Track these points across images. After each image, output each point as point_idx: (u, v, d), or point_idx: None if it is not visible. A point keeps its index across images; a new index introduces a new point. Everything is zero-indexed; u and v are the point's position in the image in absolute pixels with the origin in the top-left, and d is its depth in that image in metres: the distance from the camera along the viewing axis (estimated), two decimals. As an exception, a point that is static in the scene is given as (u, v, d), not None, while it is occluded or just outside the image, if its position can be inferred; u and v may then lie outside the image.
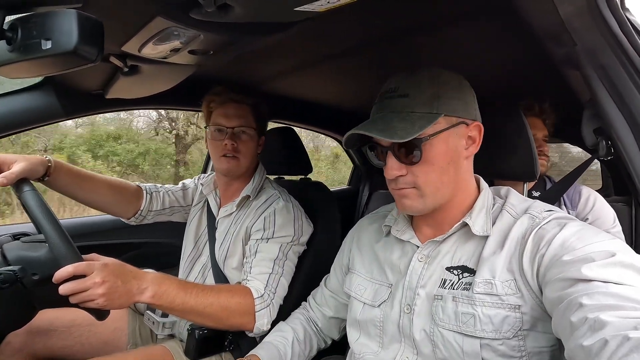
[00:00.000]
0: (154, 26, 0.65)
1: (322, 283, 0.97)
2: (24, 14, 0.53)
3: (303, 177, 1.45)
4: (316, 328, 0.95)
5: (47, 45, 0.51)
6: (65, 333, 1.07)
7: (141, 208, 1.18)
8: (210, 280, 1.11)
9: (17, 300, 0.76)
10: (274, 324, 0.96)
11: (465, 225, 0.69)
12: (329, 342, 0.96)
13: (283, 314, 1.05)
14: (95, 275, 0.75)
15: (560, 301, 0.51)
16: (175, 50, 0.76)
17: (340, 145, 2.45)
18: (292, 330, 0.91)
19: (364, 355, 0.76)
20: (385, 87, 0.71)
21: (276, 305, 0.99)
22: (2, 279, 0.70)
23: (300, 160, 1.41)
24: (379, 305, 0.75)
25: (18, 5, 0.53)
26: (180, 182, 1.33)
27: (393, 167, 0.66)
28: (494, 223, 0.68)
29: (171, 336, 1.06)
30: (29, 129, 1.11)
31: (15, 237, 1.19)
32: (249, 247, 1.05)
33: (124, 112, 6.61)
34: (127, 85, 1.02)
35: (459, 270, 0.68)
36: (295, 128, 1.54)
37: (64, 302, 0.78)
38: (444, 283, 0.68)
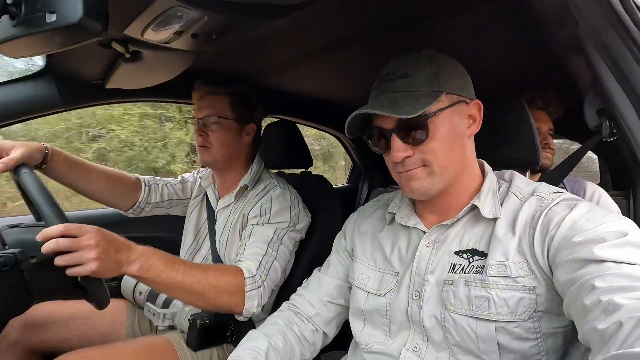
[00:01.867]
0: (158, 5, 0.65)
1: (317, 274, 0.90)
2: (27, -12, 0.53)
3: (304, 170, 1.45)
4: (303, 330, 0.83)
5: (51, 18, 0.51)
6: (63, 326, 1.05)
7: (139, 200, 1.17)
8: (210, 273, 1.10)
9: (16, 286, 0.74)
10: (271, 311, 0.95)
11: (474, 208, 0.68)
12: (329, 340, 0.88)
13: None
14: (89, 237, 0.72)
15: (572, 283, 0.51)
16: (178, 34, 0.76)
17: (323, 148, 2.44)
18: (266, 338, 0.78)
19: (370, 346, 0.74)
20: (383, 72, 0.71)
21: (268, 289, 0.96)
22: (2, 261, 0.68)
23: (300, 154, 1.41)
24: (385, 294, 0.74)
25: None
26: (179, 176, 1.32)
27: (399, 149, 0.66)
28: (501, 205, 0.68)
29: (171, 327, 1.04)
30: (28, 119, 1.10)
31: (12, 228, 1.18)
32: (245, 231, 1.04)
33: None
34: (128, 74, 1.02)
35: (468, 254, 0.67)
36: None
37: (61, 291, 0.77)
38: (454, 267, 0.67)
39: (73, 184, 1.03)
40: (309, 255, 1.18)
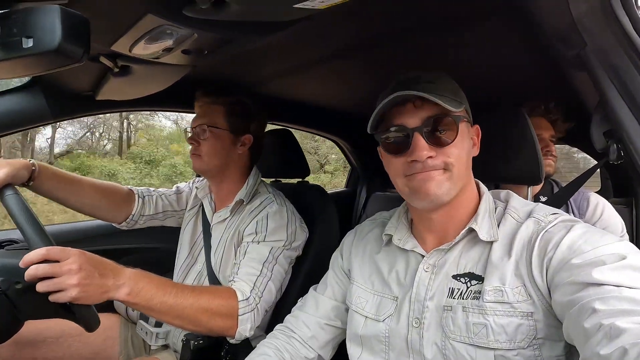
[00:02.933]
0: (145, 24, 0.62)
1: (313, 294, 0.86)
2: (3, 10, 0.50)
3: (300, 180, 1.42)
4: (295, 357, 0.80)
5: (28, 43, 0.48)
6: (55, 344, 1.03)
7: (133, 213, 1.14)
8: (205, 288, 1.08)
9: (3, 312, 0.72)
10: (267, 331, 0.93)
11: (472, 231, 0.67)
12: None
13: (279, 320, 1.02)
14: (72, 261, 0.69)
15: (572, 305, 0.50)
16: (168, 50, 0.73)
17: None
18: None
19: None
20: (402, 77, 0.69)
21: (261, 311, 0.94)
22: (-16, 291, 0.66)
23: (297, 163, 1.38)
24: (384, 320, 0.71)
25: (-2, 0, 0.50)
26: (175, 186, 1.29)
27: (424, 148, 0.63)
28: (497, 227, 0.66)
29: (165, 347, 1.02)
30: (16, 132, 1.07)
31: (2, 244, 1.16)
32: (240, 249, 1.02)
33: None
34: (119, 86, 0.99)
35: (466, 278, 0.65)
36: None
37: (50, 313, 0.74)
38: (452, 292, 0.65)
39: (63, 200, 1.00)
40: (306, 267, 1.16)
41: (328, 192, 1.58)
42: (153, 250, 1.47)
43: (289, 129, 1.54)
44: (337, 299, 0.84)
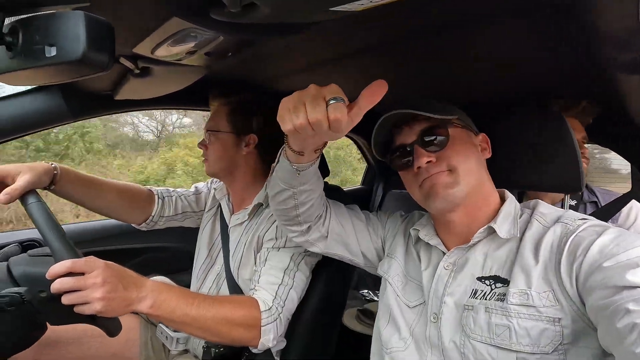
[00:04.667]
0: (170, 27, 0.59)
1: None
2: (25, 16, 0.47)
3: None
4: None
5: (51, 52, 0.45)
6: (76, 345, 1.03)
7: (152, 214, 1.13)
8: (224, 290, 1.06)
9: (24, 319, 0.72)
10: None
11: (493, 232, 0.68)
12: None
13: (297, 325, 1.00)
14: (97, 275, 0.68)
15: (605, 309, 0.49)
16: (191, 52, 0.70)
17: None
18: None
19: (391, 351, 0.75)
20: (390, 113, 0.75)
21: (284, 320, 0.91)
22: (7, 301, 0.65)
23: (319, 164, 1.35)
24: (413, 307, 0.74)
25: (18, 5, 0.47)
26: (193, 186, 1.27)
27: (422, 155, 0.71)
28: (523, 232, 0.66)
29: (185, 351, 1.01)
30: (36, 132, 1.06)
31: (23, 244, 1.16)
32: (260, 255, 0.99)
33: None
34: (138, 87, 0.96)
35: (491, 281, 0.65)
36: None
37: (73, 320, 0.73)
38: (475, 293, 0.65)
39: (84, 202, 0.99)
40: (325, 270, 1.13)
41: (344, 189, 1.55)
42: (172, 249, 1.47)
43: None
44: (372, 237, 0.89)
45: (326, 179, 1.39)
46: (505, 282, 0.63)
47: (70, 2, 0.52)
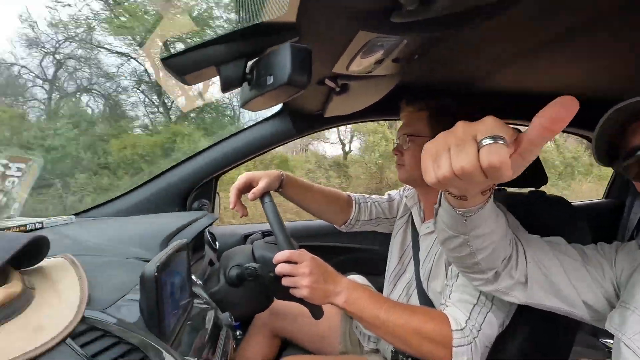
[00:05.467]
0: (358, 41, 0.64)
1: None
2: (258, 57, 0.63)
3: (533, 189, 1.15)
4: None
5: (270, 80, 0.58)
6: (293, 320, 1.26)
7: (350, 217, 1.24)
8: (414, 300, 1.04)
9: (259, 291, 0.94)
10: None
11: None
12: None
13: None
14: (305, 265, 0.82)
15: None
16: (379, 62, 0.74)
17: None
18: None
19: None
20: None
21: (480, 347, 0.78)
22: (249, 272, 0.88)
23: (531, 169, 1.13)
24: None
25: (255, 52, 0.63)
26: (386, 193, 1.33)
27: None
28: None
29: (376, 350, 1.05)
30: (273, 148, 1.39)
31: (264, 234, 1.52)
32: (451, 268, 0.91)
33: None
34: (340, 103, 1.10)
35: None
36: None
37: (291, 298, 0.90)
38: None
39: (300, 203, 1.21)
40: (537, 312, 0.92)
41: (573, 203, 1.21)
42: (368, 251, 1.58)
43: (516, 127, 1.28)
44: (596, 280, 0.66)
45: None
46: None
47: (286, 39, 0.66)
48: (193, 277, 0.83)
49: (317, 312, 0.90)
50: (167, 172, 1.32)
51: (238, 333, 0.90)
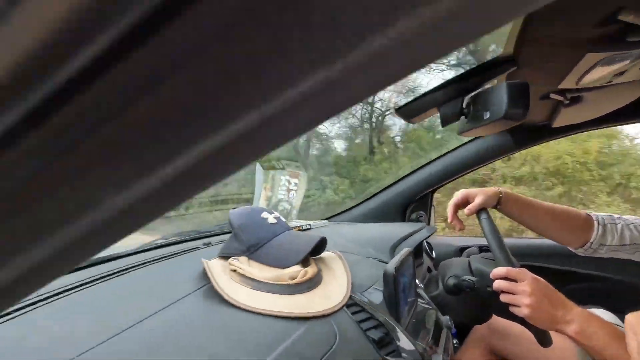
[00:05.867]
0: (587, 62, 0.62)
1: None
2: (474, 92, 0.72)
3: None
4: None
5: (486, 115, 0.66)
6: (516, 341, 1.20)
7: (590, 240, 1.08)
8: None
9: (478, 303, 0.99)
10: None
11: None
12: None
13: None
14: (526, 284, 0.80)
15: None
16: (620, 74, 0.66)
17: None
18: None
19: None
20: None
21: None
22: (467, 285, 0.95)
23: None
24: None
25: (472, 89, 0.72)
26: None
27: None
28: None
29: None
30: (488, 163, 1.39)
31: (481, 248, 1.52)
32: None
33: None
34: (572, 113, 1.00)
35: None
36: None
37: (509, 316, 0.90)
38: None
39: (522, 221, 1.16)
40: None
41: None
42: (610, 281, 1.29)
43: None
44: None
45: None
46: None
47: (504, 70, 0.71)
48: (416, 280, 0.98)
49: (543, 337, 0.86)
50: (391, 186, 1.55)
51: (455, 342, 0.97)
